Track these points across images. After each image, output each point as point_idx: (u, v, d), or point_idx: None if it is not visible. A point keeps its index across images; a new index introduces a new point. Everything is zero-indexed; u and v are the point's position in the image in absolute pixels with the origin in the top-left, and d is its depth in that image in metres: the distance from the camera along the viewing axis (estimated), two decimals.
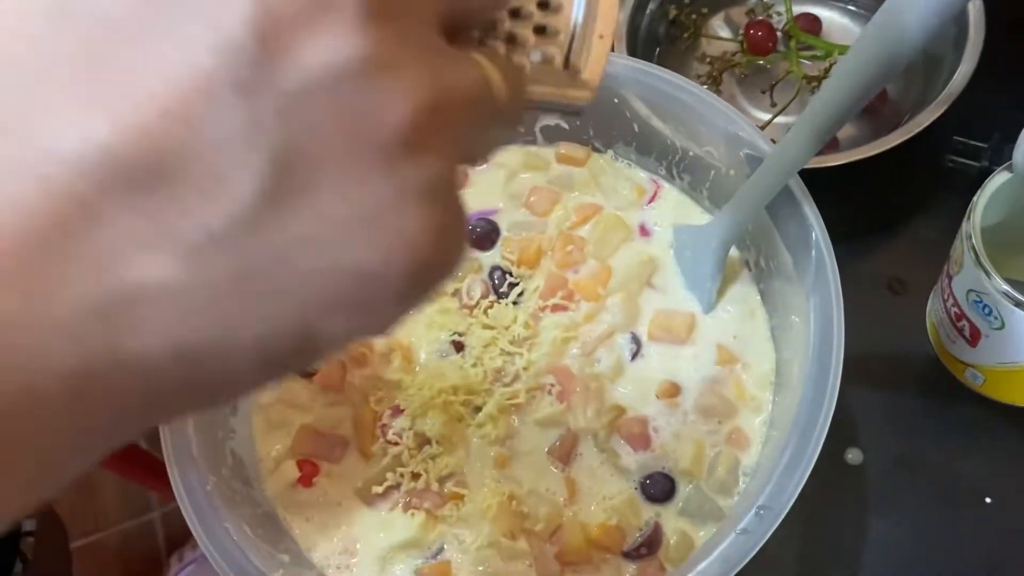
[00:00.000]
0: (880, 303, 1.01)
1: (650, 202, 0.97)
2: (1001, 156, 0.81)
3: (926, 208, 1.04)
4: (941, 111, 0.97)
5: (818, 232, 0.78)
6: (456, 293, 0.96)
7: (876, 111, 1.08)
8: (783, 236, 0.82)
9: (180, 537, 2.22)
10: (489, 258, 0.98)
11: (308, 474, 0.91)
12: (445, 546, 0.84)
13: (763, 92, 1.10)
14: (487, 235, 0.99)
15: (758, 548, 0.68)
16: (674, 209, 0.97)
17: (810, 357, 0.75)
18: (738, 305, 0.90)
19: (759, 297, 0.90)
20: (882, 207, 1.05)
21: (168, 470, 0.81)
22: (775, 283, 0.85)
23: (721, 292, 0.91)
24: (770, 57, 1.11)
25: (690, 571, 0.69)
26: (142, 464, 2.07)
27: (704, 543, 0.78)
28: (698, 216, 0.95)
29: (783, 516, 0.69)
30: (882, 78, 0.70)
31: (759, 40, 1.11)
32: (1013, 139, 0.82)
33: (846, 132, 1.09)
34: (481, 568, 0.82)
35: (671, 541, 0.81)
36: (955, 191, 0.93)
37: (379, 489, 0.87)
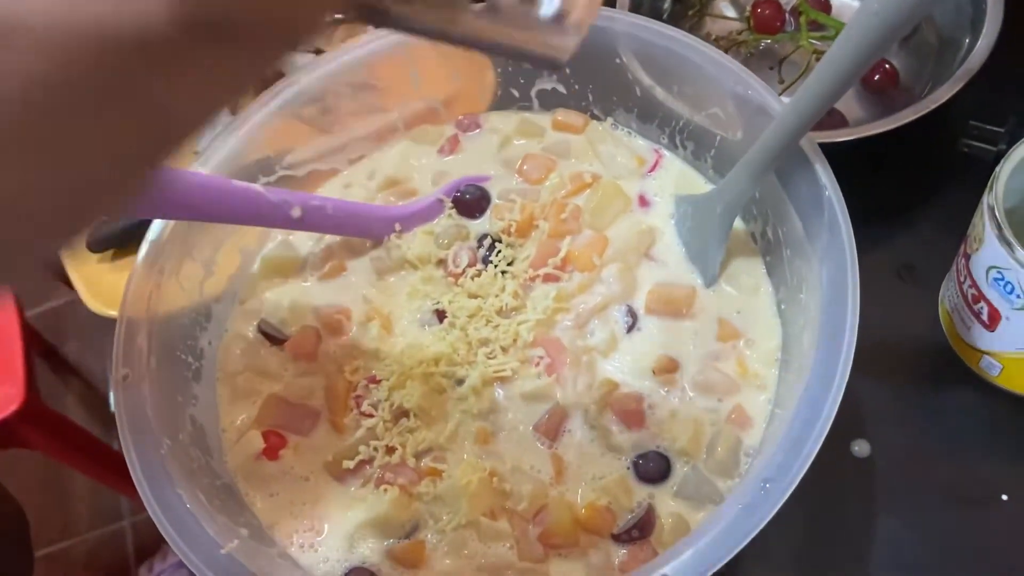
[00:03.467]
0: (890, 291, 0.95)
1: (651, 171, 0.92)
2: (1018, 141, 0.77)
3: (939, 194, 0.99)
4: (956, 89, 0.92)
5: (831, 192, 0.73)
6: (442, 262, 0.90)
7: (887, 94, 1.04)
8: (793, 200, 0.76)
9: (151, 547, 2.13)
10: (479, 226, 0.92)
11: (274, 446, 0.84)
12: (419, 525, 0.77)
13: (771, 68, 1.06)
14: (477, 202, 0.93)
15: (762, 525, 0.61)
16: (676, 179, 0.91)
17: (821, 326, 0.70)
18: (742, 279, 0.84)
19: (765, 271, 0.84)
20: (893, 192, 1.00)
21: (119, 428, 0.74)
22: (784, 254, 0.80)
23: (724, 265, 0.85)
24: (777, 36, 1.07)
25: (687, 549, 0.62)
26: (114, 467, 1.98)
27: (702, 522, 0.72)
28: (701, 186, 0.90)
29: (789, 492, 0.62)
30: (891, 32, 0.65)
31: (766, 19, 1.07)
32: None
33: (856, 115, 1.04)
34: (458, 549, 0.76)
35: (665, 524, 0.74)
36: (970, 177, 0.88)
37: (350, 463, 0.80)
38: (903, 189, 1.01)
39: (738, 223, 0.86)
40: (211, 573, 0.66)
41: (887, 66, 1.03)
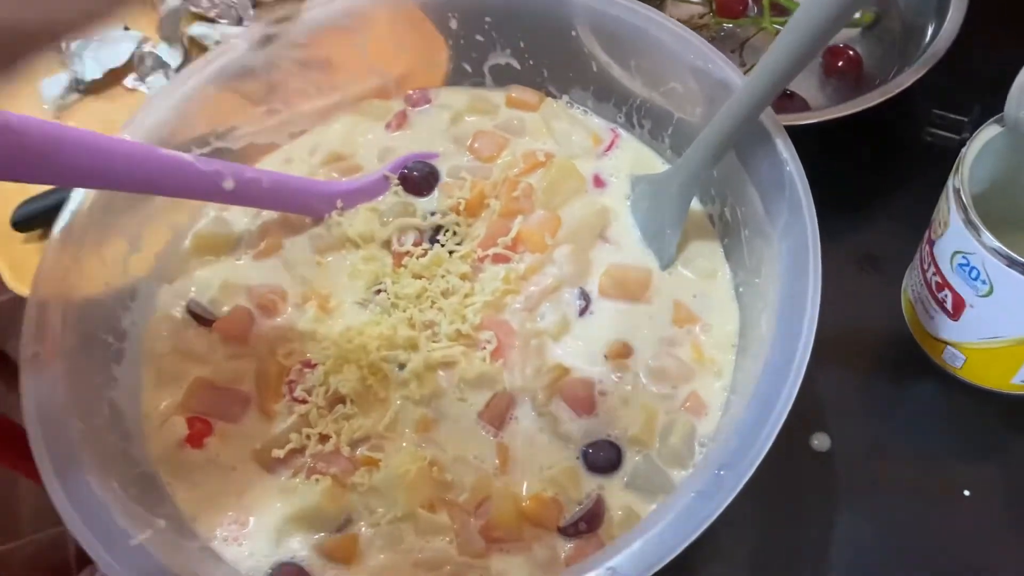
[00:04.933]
0: (851, 282, 0.93)
1: (607, 151, 0.88)
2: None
3: (902, 183, 0.97)
4: (919, 75, 0.90)
5: (792, 168, 0.69)
6: (386, 241, 0.85)
7: (851, 80, 1.01)
8: (753, 177, 0.73)
9: None
10: (426, 204, 0.88)
11: (199, 433, 0.78)
12: (353, 518, 0.72)
13: (733, 52, 1.03)
14: (425, 179, 0.88)
15: (717, 514, 0.57)
16: (633, 159, 0.87)
17: (780, 308, 0.66)
18: (700, 262, 0.80)
19: (723, 253, 0.81)
20: (856, 182, 0.98)
21: (23, 408, 0.68)
22: (742, 235, 0.76)
23: (681, 248, 0.81)
24: (740, 20, 1.04)
25: (636, 540, 0.58)
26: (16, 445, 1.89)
27: (653, 510, 0.67)
28: (658, 167, 0.86)
29: (745, 480, 0.58)
30: (849, 4, 0.62)
31: (729, 3, 1.04)
32: (995, 112, 0.75)
33: (818, 102, 1.01)
34: (393, 544, 0.70)
35: (615, 517, 0.70)
36: (934, 166, 0.85)
37: (280, 452, 0.74)
38: (866, 179, 0.98)
39: (696, 204, 0.82)
40: (116, 564, 0.60)
41: (850, 52, 1.01)
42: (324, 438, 0.75)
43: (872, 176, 0.97)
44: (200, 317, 0.83)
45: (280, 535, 0.72)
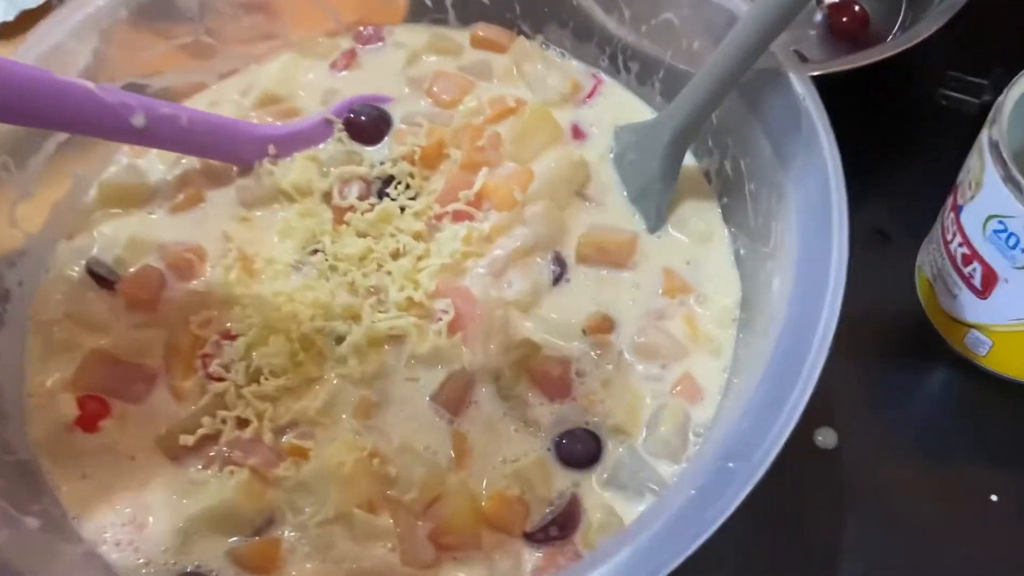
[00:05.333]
0: (858, 259, 0.81)
1: (587, 98, 0.77)
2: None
3: (916, 150, 0.86)
4: (933, 29, 0.79)
5: (809, 102, 0.58)
6: (327, 195, 0.73)
7: (857, 39, 0.91)
8: (761, 119, 0.62)
9: None
10: (375, 153, 0.75)
11: (92, 414, 0.65)
12: (275, 519, 0.60)
13: None
14: (374, 125, 0.76)
15: (726, 516, 0.46)
16: (617, 108, 0.76)
17: (796, 270, 0.55)
18: (693, 223, 0.69)
19: (720, 213, 0.70)
20: (864, 149, 0.86)
21: None
22: (746, 190, 0.65)
23: (672, 208, 0.70)
24: None
25: (621, 549, 0.46)
26: None
27: (643, 511, 0.56)
28: (647, 117, 0.75)
29: (761, 474, 0.47)
30: None
31: None
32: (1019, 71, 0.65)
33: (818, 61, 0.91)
34: (323, 551, 0.58)
35: (593, 520, 0.58)
36: (950, 132, 0.75)
37: (189, 439, 0.62)
38: (874, 146, 0.87)
39: (689, 159, 0.71)
40: None
41: (856, 8, 0.90)
42: (243, 423, 0.63)
43: (881, 143, 0.87)
44: (102, 278, 0.70)
45: (185, 538, 0.60)
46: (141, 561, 0.59)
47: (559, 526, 0.57)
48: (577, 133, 0.74)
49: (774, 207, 0.60)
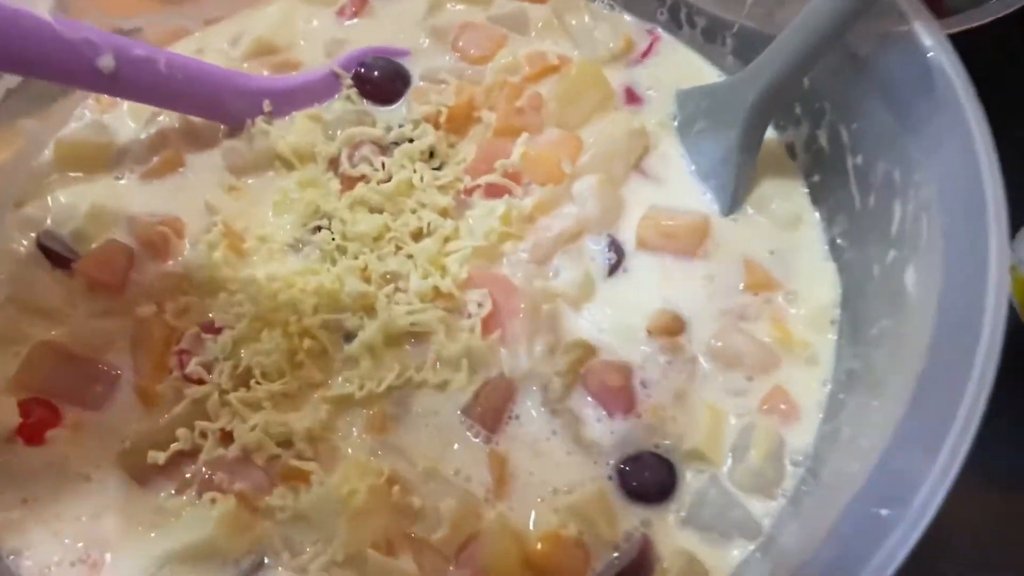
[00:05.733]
0: None
1: (643, 57, 0.65)
2: None
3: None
4: None
5: (944, 58, 0.47)
6: (333, 161, 0.60)
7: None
8: (874, 78, 0.51)
9: None
10: (391, 114, 0.63)
11: (38, 423, 0.54)
12: (266, 559, 0.48)
13: None
14: (389, 81, 0.64)
15: None
16: (678, 69, 0.65)
17: (944, 259, 0.43)
18: (778, 205, 0.58)
19: (807, 194, 0.58)
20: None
21: None
22: (848, 164, 0.55)
23: (749, 187, 0.58)
24: None
25: None
26: None
27: (737, 566, 0.44)
28: (713, 80, 0.63)
29: (923, 527, 0.35)
30: None
31: None
32: None
33: None
34: None
35: (671, 570, 0.46)
36: None
37: (160, 456, 0.51)
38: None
39: (768, 131, 0.59)
40: None
41: None
42: (227, 438, 0.51)
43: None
44: (56, 255, 0.58)
45: None
46: None
47: None
48: (631, 97, 0.63)
49: (897, 184, 0.49)
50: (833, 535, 0.37)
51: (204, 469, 0.50)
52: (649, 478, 0.49)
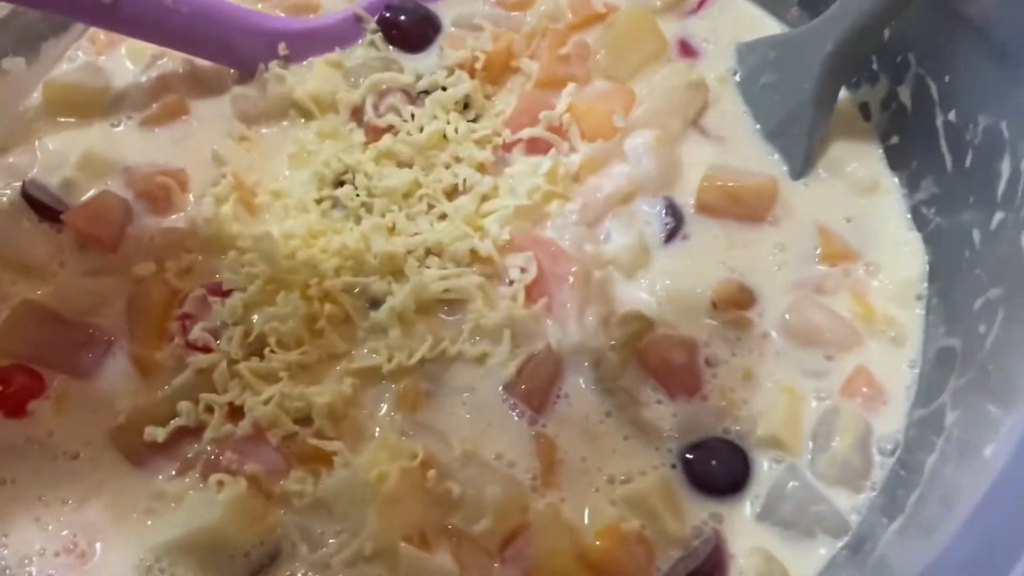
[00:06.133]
0: None
1: (697, 9, 0.59)
2: None
3: None
4: None
5: None
6: (357, 110, 0.54)
7: None
8: (974, 23, 0.45)
9: None
10: (420, 62, 0.57)
11: (19, 392, 0.49)
12: (281, 551, 0.42)
13: None
14: (419, 27, 0.58)
15: None
16: (736, 22, 0.59)
17: None
18: (853, 168, 0.53)
19: (884, 158, 0.53)
20: None
21: None
22: (937, 122, 0.49)
23: (821, 149, 0.53)
24: None
25: None
26: None
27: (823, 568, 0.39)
28: (776, 32, 0.57)
29: None
30: None
31: None
32: None
33: None
34: None
35: (745, 569, 0.40)
36: None
37: (159, 433, 0.46)
38: None
39: (841, 92, 0.53)
40: None
41: None
42: (236, 413, 0.46)
43: None
44: (43, 205, 0.53)
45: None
46: None
47: None
48: (686, 49, 0.57)
49: (1005, 138, 0.43)
50: (953, 552, 0.31)
51: (210, 448, 0.45)
52: (719, 467, 0.44)
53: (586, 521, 0.43)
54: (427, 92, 0.56)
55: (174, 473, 0.45)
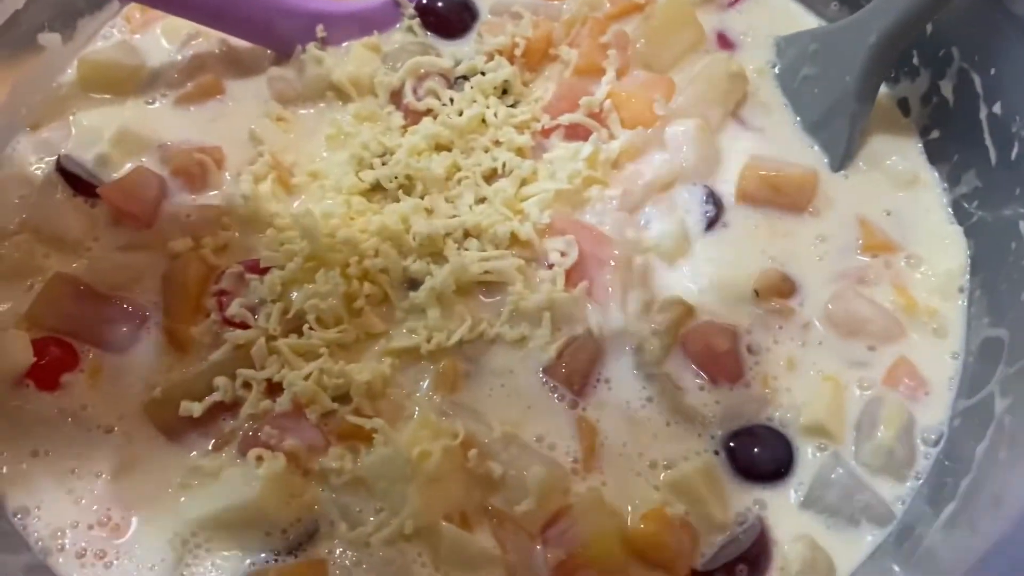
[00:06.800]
0: None
1: (733, 4, 0.59)
2: None
3: None
4: None
5: None
6: (396, 94, 0.54)
7: None
8: (1018, 16, 0.45)
9: None
10: (457, 48, 0.57)
11: (53, 364, 0.48)
12: (319, 528, 0.41)
13: None
14: (457, 14, 0.58)
15: None
16: (773, 16, 0.59)
17: None
18: (893, 162, 0.53)
19: (923, 152, 0.53)
20: None
21: None
22: (983, 114, 0.49)
23: (860, 142, 0.53)
24: None
25: None
26: None
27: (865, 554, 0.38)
28: (812, 27, 0.57)
29: None
30: None
31: None
32: None
33: None
34: None
35: (790, 555, 0.40)
36: None
37: (195, 408, 0.45)
38: None
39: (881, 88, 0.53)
40: None
41: None
42: (273, 389, 0.45)
43: None
44: (78, 179, 0.52)
45: (184, 552, 0.42)
46: None
47: (747, 562, 0.39)
48: (724, 42, 0.57)
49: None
50: (1003, 546, 0.31)
51: (248, 424, 0.44)
52: (763, 454, 0.43)
53: (629, 506, 0.43)
54: (464, 78, 0.56)
55: (210, 448, 0.44)
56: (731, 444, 0.44)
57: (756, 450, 0.43)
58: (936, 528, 0.39)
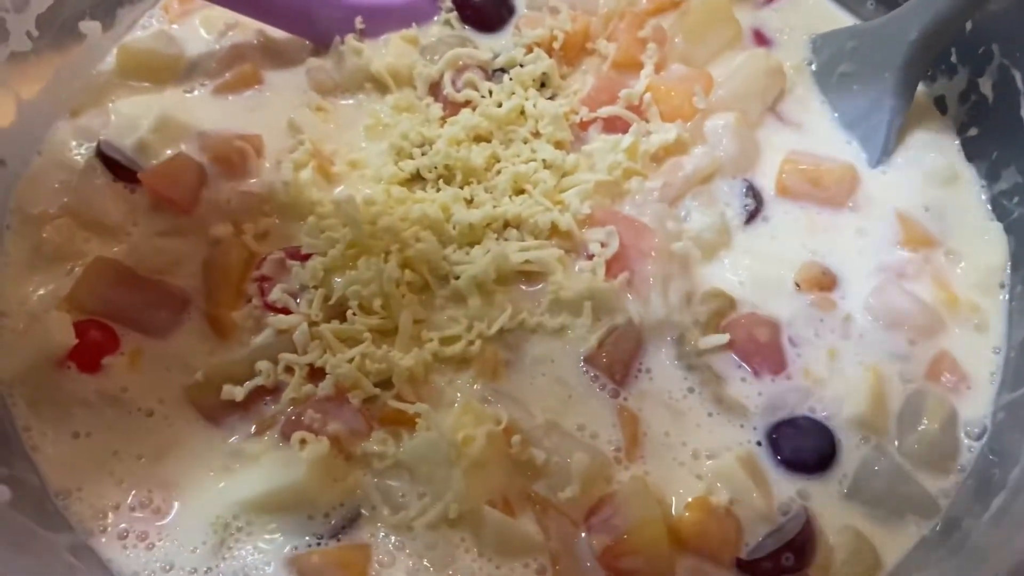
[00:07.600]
0: None
1: (769, 2, 0.59)
2: None
3: None
4: None
5: None
6: (435, 85, 0.54)
7: None
8: None
9: None
10: (494, 42, 0.57)
11: (93, 347, 0.48)
12: (362, 513, 0.41)
13: None
14: (494, 8, 0.59)
15: None
16: (809, 15, 0.59)
17: None
18: (931, 160, 0.53)
19: (961, 150, 0.53)
20: None
21: None
22: (1016, 114, 0.48)
23: (898, 139, 0.53)
24: None
25: None
26: None
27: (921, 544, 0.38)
28: (848, 25, 0.58)
29: None
30: None
31: None
32: None
33: None
34: (435, 566, 0.39)
35: (836, 547, 0.40)
36: None
37: (237, 392, 0.45)
38: None
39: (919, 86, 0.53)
40: None
41: None
42: (317, 374, 0.45)
43: None
44: (118, 165, 0.52)
45: (227, 536, 0.42)
46: (158, 565, 0.41)
47: (793, 551, 0.39)
48: (760, 39, 0.58)
49: None
50: None
51: (290, 408, 0.44)
52: (806, 445, 0.43)
53: (672, 495, 0.42)
54: (502, 70, 0.56)
55: (252, 432, 0.44)
56: (773, 435, 0.44)
57: (799, 441, 0.43)
58: (984, 521, 0.39)
